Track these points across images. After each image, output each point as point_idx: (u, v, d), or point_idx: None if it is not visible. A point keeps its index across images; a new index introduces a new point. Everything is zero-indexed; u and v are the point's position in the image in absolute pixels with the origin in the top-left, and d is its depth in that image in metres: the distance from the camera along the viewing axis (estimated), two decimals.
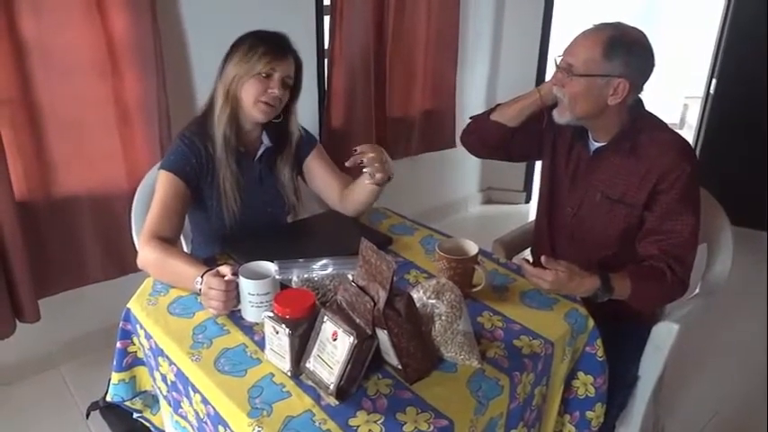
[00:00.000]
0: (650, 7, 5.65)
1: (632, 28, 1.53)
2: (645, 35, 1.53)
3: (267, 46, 1.62)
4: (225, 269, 1.36)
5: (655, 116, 1.64)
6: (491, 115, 1.82)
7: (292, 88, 1.70)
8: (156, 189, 1.62)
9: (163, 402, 1.49)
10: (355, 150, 1.63)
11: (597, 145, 1.66)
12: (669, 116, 5.60)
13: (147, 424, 1.62)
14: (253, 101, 1.64)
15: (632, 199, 1.59)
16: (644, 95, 1.62)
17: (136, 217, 1.89)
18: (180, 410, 1.38)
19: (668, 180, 1.53)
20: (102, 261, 2.33)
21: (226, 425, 1.14)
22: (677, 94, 5.63)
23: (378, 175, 1.65)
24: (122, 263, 2.34)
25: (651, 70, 1.55)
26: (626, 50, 1.49)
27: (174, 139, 1.70)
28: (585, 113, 1.58)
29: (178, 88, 2.37)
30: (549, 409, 1.42)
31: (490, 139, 1.84)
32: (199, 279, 1.38)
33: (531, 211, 3.90)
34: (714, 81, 3.54)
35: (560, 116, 1.61)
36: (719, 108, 3.58)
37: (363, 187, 1.74)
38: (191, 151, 1.64)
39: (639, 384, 1.64)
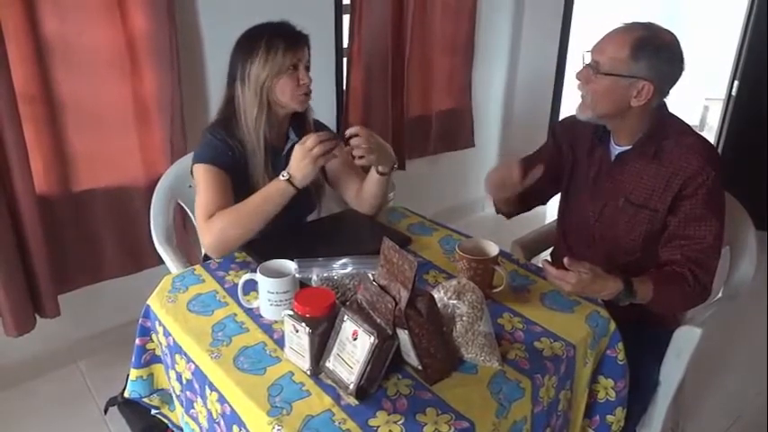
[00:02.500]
0: (672, 6, 5.60)
1: (664, 30, 1.49)
2: (676, 39, 1.50)
3: (285, 40, 1.62)
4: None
5: (679, 119, 1.61)
6: (497, 210, 1.90)
7: None
8: (199, 182, 1.64)
9: (176, 402, 1.49)
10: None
11: (620, 149, 1.63)
12: (689, 118, 5.55)
13: (165, 420, 1.62)
14: (290, 96, 1.66)
15: (656, 204, 1.56)
16: (666, 98, 1.59)
17: (155, 214, 1.89)
18: (191, 411, 1.38)
19: (693, 185, 1.50)
20: (119, 256, 2.35)
21: (242, 424, 1.14)
22: (697, 95, 5.57)
23: (365, 157, 1.64)
24: (139, 258, 2.36)
25: (679, 75, 1.51)
26: (654, 53, 1.45)
27: (204, 135, 1.70)
28: (606, 113, 1.55)
29: (193, 86, 2.38)
30: (575, 415, 1.41)
31: (517, 212, 1.90)
32: (284, 173, 1.53)
33: (548, 212, 3.87)
34: (736, 83, 3.50)
35: (581, 113, 1.58)
36: (742, 110, 3.53)
37: (370, 179, 1.76)
38: (225, 145, 1.65)
39: (660, 388, 1.62)
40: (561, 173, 1.80)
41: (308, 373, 1.18)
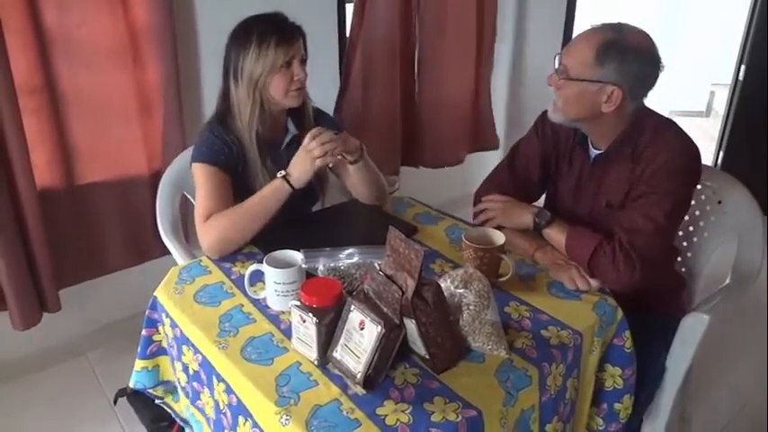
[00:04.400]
0: None
1: (634, 32, 1.44)
2: (649, 40, 1.44)
3: (277, 34, 1.59)
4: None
5: (659, 116, 1.55)
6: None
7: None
8: (198, 183, 1.63)
9: (181, 393, 1.50)
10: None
11: (597, 152, 1.60)
12: (695, 104, 5.53)
13: (168, 410, 1.63)
14: (283, 93, 1.64)
15: None
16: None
17: (161, 206, 1.89)
18: (197, 402, 1.39)
19: (652, 168, 1.46)
20: (122, 249, 2.34)
21: (248, 414, 1.15)
22: (703, 81, 5.53)
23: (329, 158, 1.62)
24: (142, 250, 2.36)
25: (652, 79, 1.46)
26: (620, 56, 1.40)
27: (201, 132, 1.69)
28: (579, 117, 1.52)
29: (191, 78, 2.36)
30: (582, 402, 1.41)
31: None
32: (281, 172, 1.55)
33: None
34: (743, 67, 3.47)
35: (553, 114, 1.55)
36: (749, 95, 3.50)
37: (349, 171, 1.75)
38: (223, 142, 1.64)
39: (667, 376, 1.61)
40: (549, 167, 1.74)
41: (316, 363, 1.19)
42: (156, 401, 1.61)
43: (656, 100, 1.57)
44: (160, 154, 2.28)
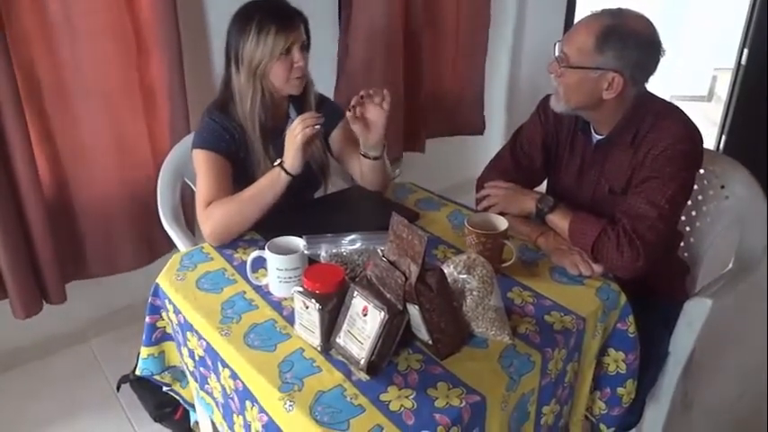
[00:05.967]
0: None
1: (635, 17, 1.43)
2: (649, 26, 1.43)
3: (278, 22, 1.57)
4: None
5: (661, 101, 1.55)
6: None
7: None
8: (198, 169, 1.62)
9: (190, 378, 1.50)
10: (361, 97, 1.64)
11: (599, 137, 1.59)
12: (697, 88, 5.50)
13: (177, 397, 1.64)
14: (283, 81, 1.63)
15: None
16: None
17: (162, 193, 1.88)
18: (206, 386, 1.39)
19: (653, 154, 1.46)
20: (130, 248, 2.31)
21: (254, 400, 1.15)
22: (706, 65, 5.49)
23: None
24: (151, 249, 2.34)
25: (653, 65, 1.46)
26: (620, 43, 1.39)
27: (202, 119, 1.67)
28: (580, 105, 1.51)
29: (200, 70, 2.33)
30: (581, 385, 1.41)
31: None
32: (278, 161, 1.53)
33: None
34: (746, 51, 3.44)
35: (556, 104, 1.55)
36: (752, 80, 3.48)
37: (365, 165, 1.74)
38: (224, 129, 1.63)
39: (670, 360, 1.62)
40: (551, 153, 1.74)
41: (319, 349, 1.18)
42: (164, 389, 1.61)
43: (658, 85, 1.56)
44: (166, 151, 2.20)
